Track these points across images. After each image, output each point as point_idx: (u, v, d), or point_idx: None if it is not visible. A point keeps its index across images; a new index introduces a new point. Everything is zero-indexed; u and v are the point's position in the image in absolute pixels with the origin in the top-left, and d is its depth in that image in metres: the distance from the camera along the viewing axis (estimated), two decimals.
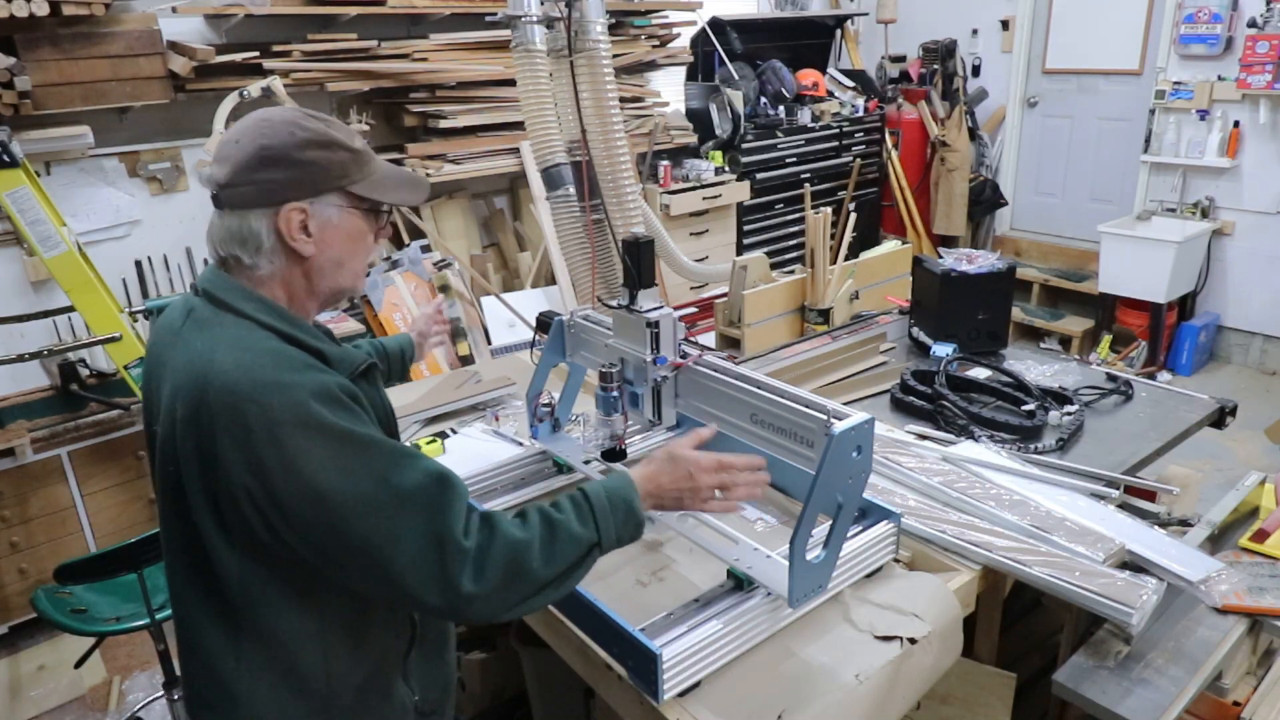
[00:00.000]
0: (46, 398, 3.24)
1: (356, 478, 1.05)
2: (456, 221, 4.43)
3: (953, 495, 1.77)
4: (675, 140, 5.08)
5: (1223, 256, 5.03)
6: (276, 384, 1.05)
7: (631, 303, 1.63)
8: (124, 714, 2.81)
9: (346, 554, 1.07)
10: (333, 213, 1.16)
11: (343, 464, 1.05)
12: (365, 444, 1.07)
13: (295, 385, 1.05)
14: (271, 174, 1.11)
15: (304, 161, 1.12)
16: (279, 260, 1.15)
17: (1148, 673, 1.44)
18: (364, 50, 3.81)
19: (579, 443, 1.92)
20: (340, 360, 1.17)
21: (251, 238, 1.13)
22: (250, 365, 1.06)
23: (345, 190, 1.16)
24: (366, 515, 1.05)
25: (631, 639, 1.29)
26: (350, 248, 1.19)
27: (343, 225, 1.17)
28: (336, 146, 1.15)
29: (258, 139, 1.12)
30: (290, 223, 1.13)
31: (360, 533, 1.05)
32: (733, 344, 2.76)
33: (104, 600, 2.37)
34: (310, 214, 1.14)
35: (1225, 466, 3.89)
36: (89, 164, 3.50)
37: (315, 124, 1.16)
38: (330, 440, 1.05)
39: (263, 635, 1.16)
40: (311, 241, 1.15)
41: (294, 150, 1.12)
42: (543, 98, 3.27)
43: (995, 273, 2.61)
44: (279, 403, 1.04)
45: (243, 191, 1.12)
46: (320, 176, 1.14)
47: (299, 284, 1.18)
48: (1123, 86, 5.45)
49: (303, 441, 1.03)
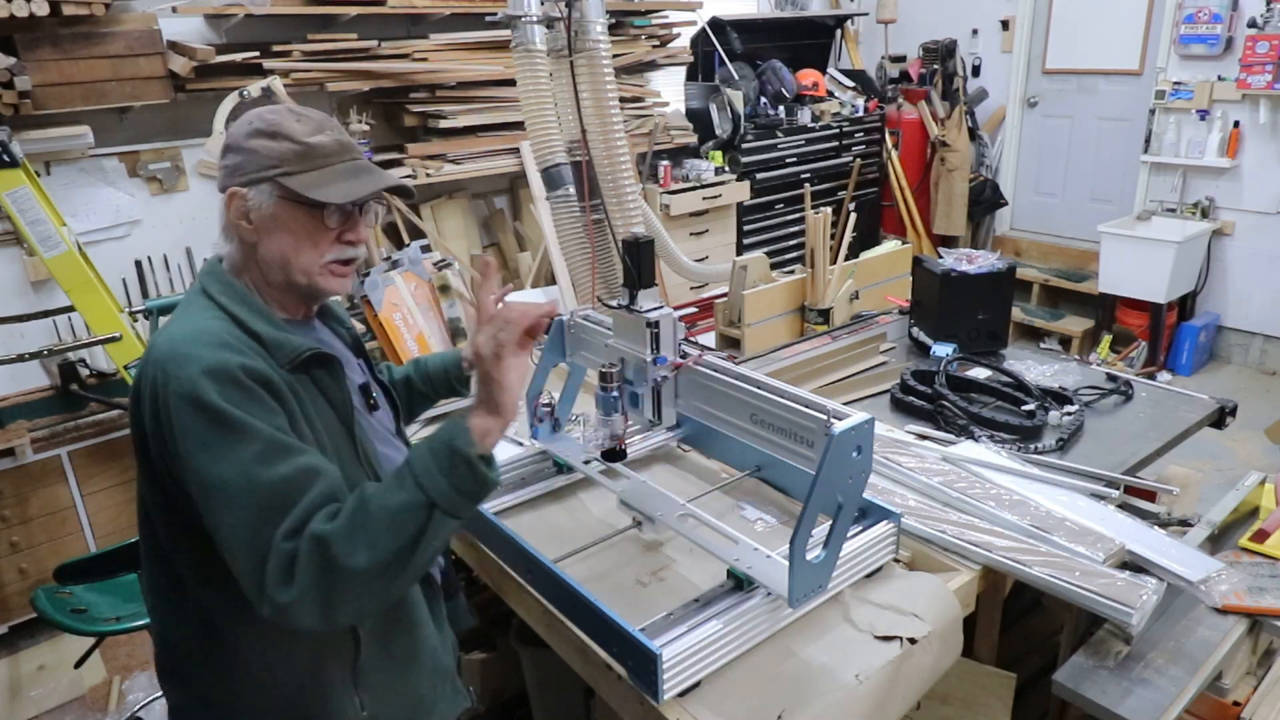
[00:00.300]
0: (46, 398, 3.24)
1: (220, 461, 1.05)
2: (456, 221, 4.42)
3: (953, 495, 1.77)
4: (675, 140, 5.08)
5: (1223, 256, 5.03)
6: (182, 355, 1.08)
7: (631, 303, 1.63)
8: (124, 714, 2.80)
9: (214, 534, 1.07)
10: (266, 202, 1.18)
11: (214, 446, 1.06)
12: (240, 430, 1.06)
13: (194, 359, 1.08)
14: (226, 160, 1.20)
15: (245, 149, 1.18)
16: (234, 244, 1.22)
17: (1148, 673, 1.44)
18: (364, 50, 3.81)
19: (579, 443, 1.92)
20: (279, 346, 1.16)
21: (219, 217, 1.22)
22: (176, 337, 1.12)
23: (277, 181, 1.17)
24: (225, 503, 1.05)
25: (631, 639, 1.29)
26: (291, 241, 1.19)
27: (279, 216, 1.18)
28: (282, 138, 1.18)
29: (232, 129, 1.22)
30: (231, 206, 1.19)
31: (217, 518, 1.06)
32: (733, 344, 2.76)
33: (104, 600, 2.37)
34: (249, 201, 1.18)
35: (1225, 466, 3.89)
36: (89, 164, 3.49)
37: (274, 116, 1.19)
38: (207, 419, 1.06)
39: (203, 610, 1.18)
40: (253, 230, 1.19)
41: (242, 138, 1.19)
42: (543, 98, 3.26)
43: (995, 273, 2.61)
44: (175, 373, 1.07)
45: (218, 175, 1.22)
46: (255, 164, 1.17)
47: (256, 273, 1.23)
48: (1123, 86, 5.45)
49: (183, 414, 1.06)
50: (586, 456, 1.82)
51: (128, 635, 2.57)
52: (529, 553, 1.54)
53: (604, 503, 1.82)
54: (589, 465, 1.80)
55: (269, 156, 1.17)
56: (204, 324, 1.14)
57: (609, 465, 1.75)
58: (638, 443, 1.93)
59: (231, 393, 1.07)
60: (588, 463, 1.81)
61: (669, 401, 1.67)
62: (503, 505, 1.80)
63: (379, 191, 1.23)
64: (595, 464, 1.79)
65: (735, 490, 1.82)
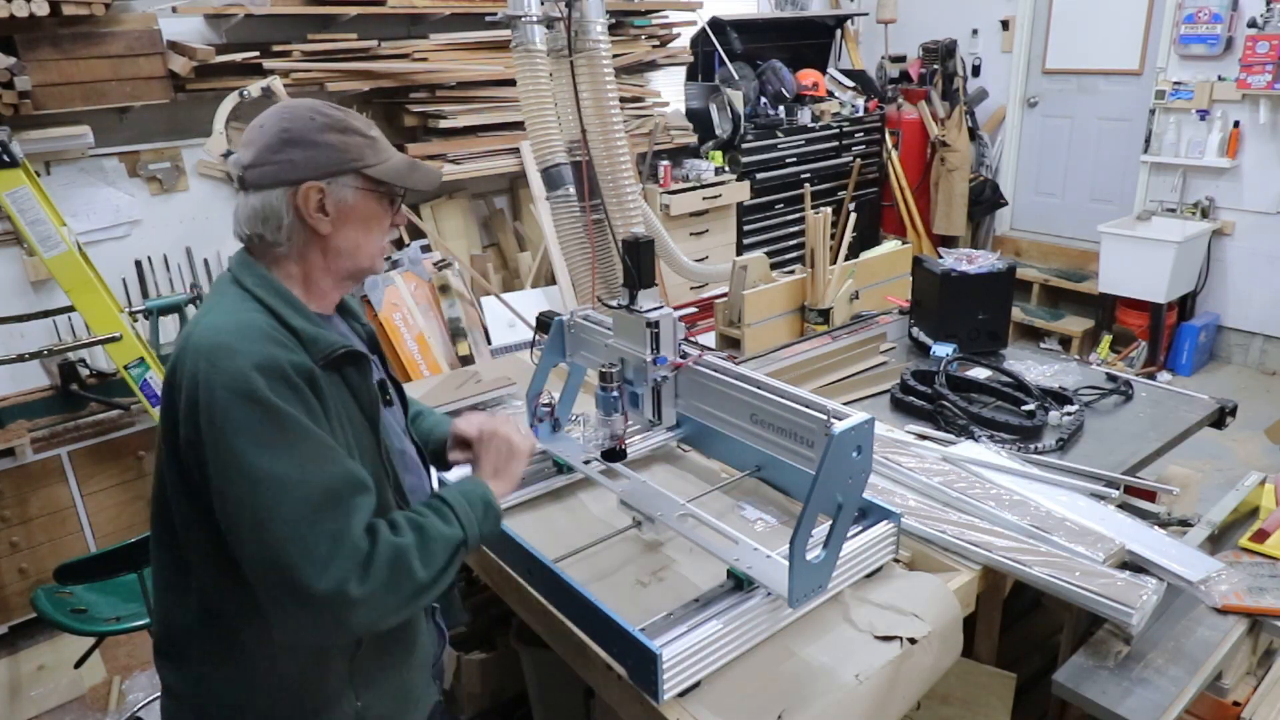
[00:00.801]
0: (46, 398, 3.24)
1: (276, 457, 1.07)
2: (456, 221, 4.43)
3: (953, 495, 1.77)
4: (675, 140, 5.08)
5: (1223, 256, 5.03)
6: (229, 348, 1.10)
7: (631, 303, 1.63)
8: (124, 714, 2.80)
9: (247, 528, 1.08)
10: (348, 193, 1.21)
11: (267, 440, 1.08)
12: (293, 427, 1.09)
13: (245, 353, 1.09)
14: (291, 154, 1.18)
15: (322, 143, 1.19)
16: (298, 237, 1.21)
17: (1148, 673, 1.44)
18: (364, 50, 3.81)
19: (579, 443, 1.92)
20: (314, 341, 1.18)
21: (273, 215, 1.19)
22: (218, 329, 1.13)
23: (360, 172, 1.21)
24: (278, 495, 1.07)
25: (631, 639, 1.29)
26: (365, 229, 1.25)
27: (358, 206, 1.22)
28: (353, 132, 1.22)
29: (280, 123, 1.19)
30: (308, 200, 1.18)
31: (266, 510, 1.07)
32: (733, 344, 2.76)
33: (104, 600, 2.37)
34: (327, 193, 1.19)
35: (1225, 466, 3.89)
36: (89, 164, 3.50)
37: (334, 112, 1.22)
38: (261, 414, 1.08)
39: (208, 597, 1.20)
40: (329, 220, 1.21)
41: (313, 133, 1.19)
42: (543, 98, 3.27)
43: (995, 273, 2.61)
44: (223, 365, 1.08)
45: (265, 171, 1.18)
46: (336, 158, 1.19)
47: (316, 262, 1.24)
48: (1123, 86, 5.45)
49: (235, 409, 1.07)
50: (586, 456, 1.82)
51: (128, 635, 2.57)
52: (529, 553, 1.54)
53: (604, 503, 1.82)
54: (589, 465, 1.80)
55: (346, 150, 1.20)
56: (246, 317, 1.15)
57: (609, 465, 1.76)
58: (638, 443, 1.93)
59: (282, 389, 1.10)
60: (588, 463, 1.81)
61: (669, 401, 1.67)
62: (503, 505, 1.80)
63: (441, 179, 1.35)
64: (595, 464, 1.79)
65: (735, 490, 1.82)
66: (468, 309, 4.02)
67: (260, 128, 1.20)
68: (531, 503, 1.85)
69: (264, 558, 1.07)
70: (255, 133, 1.20)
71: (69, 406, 3.23)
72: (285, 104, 1.23)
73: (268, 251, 1.22)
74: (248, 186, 1.19)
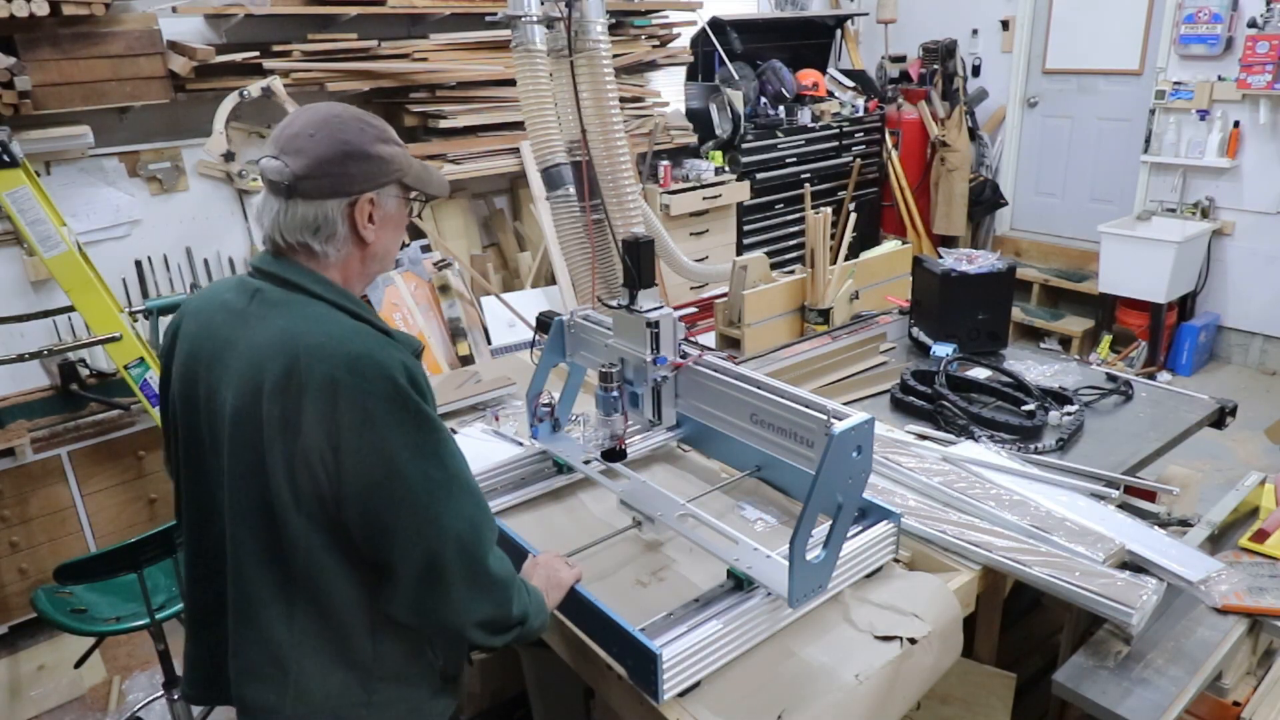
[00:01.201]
0: (46, 398, 3.24)
1: (426, 456, 1.15)
2: (456, 221, 4.42)
3: (953, 495, 1.77)
4: (675, 140, 5.08)
5: (1223, 256, 5.03)
6: (369, 357, 1.14)
7: (631, 303, 1.63)
8: (124, 714, 2.80)
9: (399, 525, 1.15)
10: (391, 202, 1.26)
11: (418, 442, 1.15)
12: (434, 427, 1.18)
13: (386, 361, 1.15)
14: (351, 167, 1.20)
15: (378, 156, 1.22)
16: (347, 247, 1.24)
17: (1148, 673, 1.44)
18: (364, 50, 3.81)
19: (579, 443, 1.92)
20: (404, 341, 1.23)
21: (326, 225, 1.21)
22: (341, 338, 1.15)
23: (402, 182, 1.27)
24: (432, 492, 1.15)
25: (631, 639, 1.29)
26: (395, 234, 1.31)
27: (395, 214, 1.28)
28: (393, 142, 1.26)
29: (335, 133, 1.20)
30: (364, 212, 1.22)
31: (419, 505, 1.15)
32: (733, 344, 2.76)
33: (104, 600, 2.37)
34: (376, 203, 1.24)
35: (1225, 466, 3.89)
36: (89, 164, 3.49)
37: (377, 121, 1.26)
38: (411, 417, 1.15)
39: (318, 604, 1.21)
40: (373, 229, 1.25)
41: (369, 144, 1.22)
42: (543, 98, 3.27)
43: (995, 273, 2.61)
44: (371, 374, 1.13)
45: (323, 183, 1.19)
46: (389, 170, 1.24)
47: (355, 268, 1.27)
48: (1123, 86, 5.44)
49: (388, 415, 1.13)
50: (586, 456, 1.82)
51: (128, 635, 2.57)
52: (529, 553, 1.54)
53: (604, 503, 1.82)
54: (589, 465, 1.80)
55: (394, 160, 1.24)
56: (350, 324, 1.19)
57: (609, 465, 1.76)
58: (638, 443, 1.93)
59: (419, 391, 1.17)
60: (588, 463, 1.81)
61: (669, 401, 1.68)
62: (503, 505, 1.80)
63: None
64: (595, 464, 1.79)
65: (735, 490, 1.82)
66: (468, 309, 4.02)
67: (310, 137, 1.19)
68: (531, 503, 1.85)
69: (420, 551, 1.15)
70: (305, 141, 1.19)
71: (69, 406, 3.23)
72: (327, 112, 1.23)
73: (312, 258, 1.22)
74: (298, 195, 1.19)
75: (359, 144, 1.20)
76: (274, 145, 1.21)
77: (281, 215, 1.20)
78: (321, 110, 1.23)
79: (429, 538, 1.16)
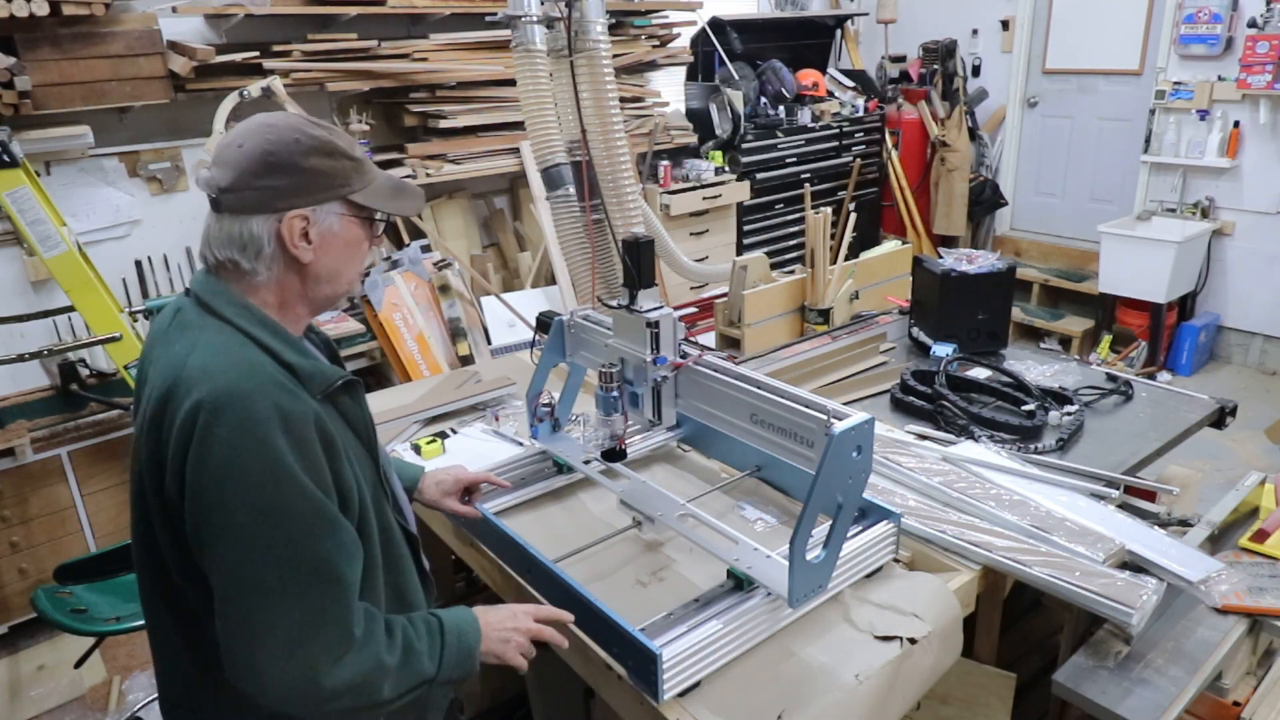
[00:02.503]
0: (46, 398, 3.24)
1: (274, 521, 1.04)
2: (456, 221, 4.43)
3: (953, 495, 1.77)
4: (675, 140, 5.08)
5: (1223, 256, 5.03)
6: (233, 397, 1.04)
7: (631, 303, 1.63)
8: (124, 714, 2.80)
9: (223, 587, 1.06)
10: (333, 221, 1.16)
11: (271, 500, 1.04)
12: (298, 492, 1.06)
13: (252, 404, 1.04)
14: (275, 180, 1.11)
15: (308, 169, 1.13)
16: (277, 266, 1.15)
17: (1148, 673, 1.44)
18: (364, 50, 3.81)
19: (579, 443, 1.92)
20: (311, 377, 1.14)
21: (252, 243, 1.12)
22: (219, 370, 1.06)
23: (346, 199, 1.17)
24: (264, 564, 1.04)
25: (631, 639, 1.29)
26: (347, 255, 1.19)
27: (342, 233, 1.17)
28: (339, 155, 1.16)
29: (262, 144, 1.12)
30: (293, 230, 1.13)
31: (246, 576, 1.04)
32: (733, 344, 2.76)
33: (104, 600, 2.36)
34: (312, 221, 1.14)
35: (1225, 466, 3.89)
36: (89, 164, 3.49)
37: (319, 131, 1.16)
38: (270, 470, 1.04)
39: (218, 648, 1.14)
40: (311, 249, 1.15)
41: (299, 157, 1.12)
42: (543, 98, 3.26)
43: (995, 273, 2.61)
44: (229, 419, 1.03)
45: (245, 196, 1.11)
46: (323, 184, 1.14)
47: (294, 290, 1.18)
48: (1123, 86, 5.44)
49: (230, 462, 1.03)
50: (586, 456, 1.82)
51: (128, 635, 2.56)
52: (529, 553, 1.54)
53: (604, 503, 1.82)
54: (589, 465, 1.80)
55: (334, 175, 1.15)
56: (244, 355, 1.09)
57: (609, 465, 1.76)
58: (638, 443, 1.93)
59: (295, 445, 1.06)
60: (588, 463, 1.81)
61: (669, 401, 1.67)
62: (503, 505, 1.80)
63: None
64: (595, 464, 1.79)
65: (735, 490, 1.82)
66: (468, 309, 4.02)
67: (239, 148, 1.12)
68: (531, 503, 1.85)
69: (236, 630, 1.05)
70: (234, 152, 1.12)
71: (69, 406, 3.23)
72: (266, 121, 1.15)
73: (241, 278, 1.15)
74: (223, 210, 1.12)
75: (286, 156, 1.11)
76: (212, 154, 1.17)
77: (211, 229, 1.14)
78: (259, 119, 1.16)
79: (252, 619, 1.04)
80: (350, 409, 1.20)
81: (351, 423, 1.20)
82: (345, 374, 1.19)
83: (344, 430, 1.18)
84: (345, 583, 1.10)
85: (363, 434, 1.22)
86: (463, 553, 1.87)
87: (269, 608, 1.05)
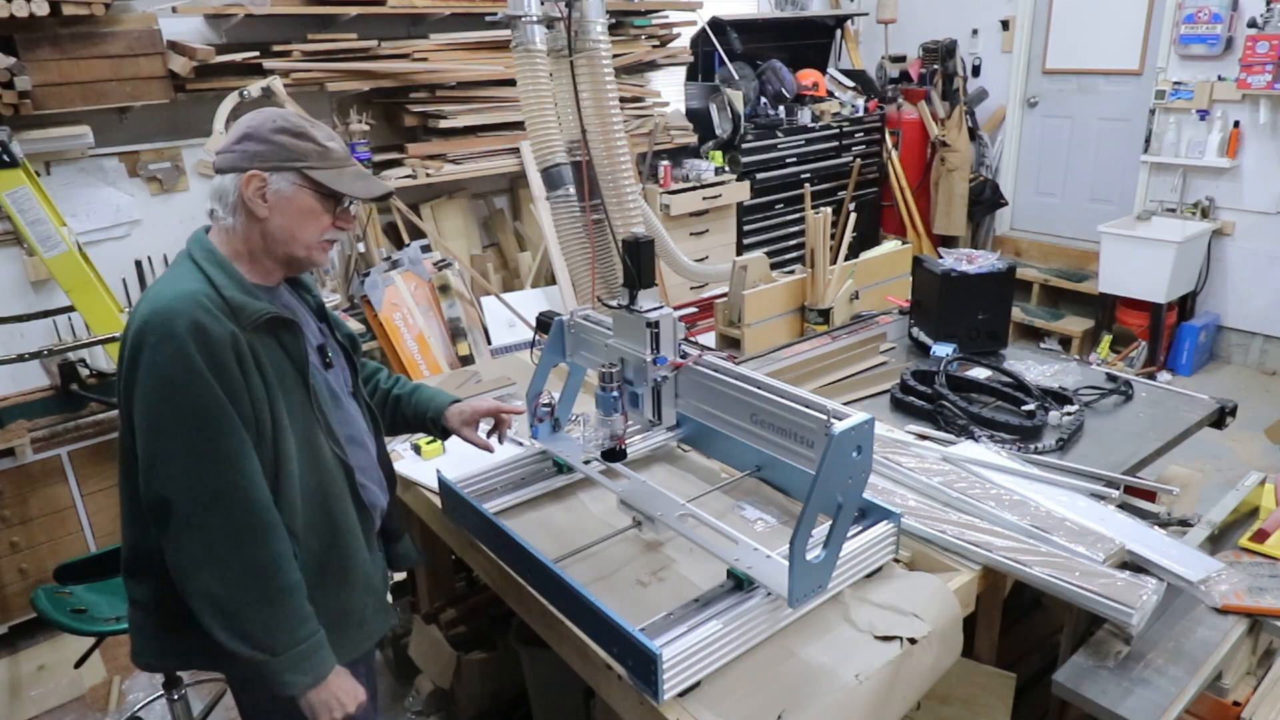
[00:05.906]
0: (46, 398, 3.24)
1: (185, 406, 1.28)
2: (456, 221, 4.43)
3: (953, 495, 1.77)
4: (675, 140, 5.08)
5: (1223, 256, 5.03)
6: (165, 310, 1.29)
7: (631, 303, 1.63)
8: (124, 714, 2.80)
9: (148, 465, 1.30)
10: (287, 187, 1.39)
11: (181, 393, 1.28)
12: (206, 389, 1.29)
13: (180, 320, 1.28)
14: (246, 146, 1.38)
15: (271, 141, 1.38)
16: (240, 217, 1.40)
17: (1148, 673, 1.44)
18: (364, 50, 3.81)
19: (579, 443, 1.92)
20: (240, 308, 1.35)
21: (224, 195, 1.40)
22: (159, 297, 1.32)
23: (301, 171, 1.39)
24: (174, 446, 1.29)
25: (631, 639, 1.29)
26: (300, 220, 1.41)
27: (295, 199, 1.40)
28: (306, 138, 1.40)
29: (248, 121, 1.41)
30: (249, 185, 1.37)
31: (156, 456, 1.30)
32: (733, 344, 2.77)
33: (104, 600, 2.36)
34: (268, 183, 1.38)
35: (1225, 466, 3.89)
36: (89, 164, 3.49)
37: (297, 119, 1.42)
38: (185, 370, 1.27)
39: None
40: (267, 206, 1.39)
41: (268, 132, 1.39)
42: (543, 98, 3.26)
43: (995, 273, 2.61)
44: (156, 328, 1.28)
45: (225, 157, 1.40)
46: (283, 155, 1.38)
47: (256, 242, 1.42)
48: (1123, 86, 5.44)
49: (163, 360, 1.27)
50: (586, 456, 1.82)
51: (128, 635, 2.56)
52: (529, 553, 1.54)
53: (604, 503, 1.82)
54: (589, 465, 1.80)
55: (294, 150, 1.39)
56: (185, 286, 1.33)
57: (609, 465, 1.76)
58: (638, 443, 1.93)
59: (220, 364, 1.29)
60: (588, 463, 1.81)
61: (669, 401, 1.67)
62: (503, 505, 1.80)
63: (388, 194, 1.61)
64: (595, 464, 1.79)
65: (735, 490, 1.82)
66: (468, 309, 4.02)
67: (233, 126, 1.43)
68: (531, 503, 1.85)
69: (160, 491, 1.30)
70: (230, 129, 1.43)
71: (69, 406, 3.22)
72: (261, 109, 1.44)
73: (218, 225, 1.42)
74: (217, 170, 1.41)
75: (258, 130, 1.38)
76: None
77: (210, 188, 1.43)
78: (262, 109, 1.44)
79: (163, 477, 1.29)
80: (286, 341, 1.42)
81: (290, 354, 1.42)
82: (270, 310, 1.38)
83: (281, 359, 1.40)
84: (246, 473, 1.32)
85: (296, 364, 1.43)
86: (463, 553, 1.87)
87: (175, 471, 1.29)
